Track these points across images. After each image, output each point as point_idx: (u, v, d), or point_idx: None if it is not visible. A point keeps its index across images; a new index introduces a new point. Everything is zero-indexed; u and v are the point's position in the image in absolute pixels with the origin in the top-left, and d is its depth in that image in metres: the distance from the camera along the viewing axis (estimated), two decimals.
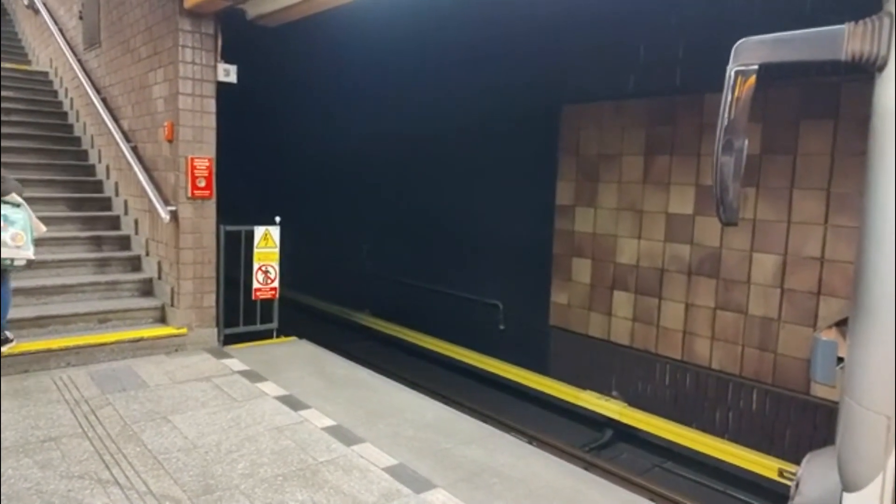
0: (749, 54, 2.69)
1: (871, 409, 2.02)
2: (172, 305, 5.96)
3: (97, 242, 6.65)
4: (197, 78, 5.71)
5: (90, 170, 7.73)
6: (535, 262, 7.93)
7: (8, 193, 4.86)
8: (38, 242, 6.21)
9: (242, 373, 5.37)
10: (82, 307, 5.82)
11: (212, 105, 5.81)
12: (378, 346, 9.61)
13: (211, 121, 5.81)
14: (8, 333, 5.15)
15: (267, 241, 6.24)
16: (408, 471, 3.76)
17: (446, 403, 5.18)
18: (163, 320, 6.07)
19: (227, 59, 5.87)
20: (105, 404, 4.56)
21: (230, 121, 6.33)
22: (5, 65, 9.53)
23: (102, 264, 6.43)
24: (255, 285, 6.22)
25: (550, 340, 7.83)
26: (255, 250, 6.18)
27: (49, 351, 5.19)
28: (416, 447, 4.11)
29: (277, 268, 6.31)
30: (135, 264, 6.59)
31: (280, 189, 11.54)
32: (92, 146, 7.89)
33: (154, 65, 6.12)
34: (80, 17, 8.25)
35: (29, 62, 10.60)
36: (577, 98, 7.29)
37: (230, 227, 6.05)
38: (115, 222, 7.03)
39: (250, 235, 6.14)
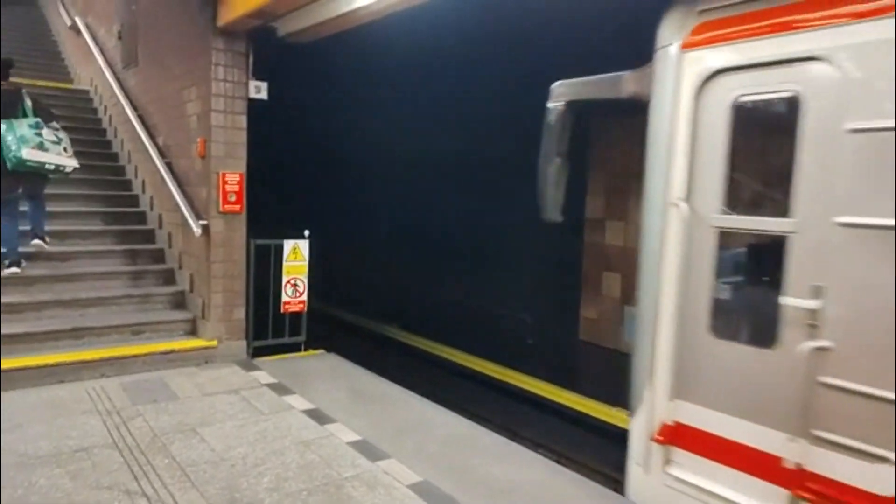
0: (560, 94, 3.98)
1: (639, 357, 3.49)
2: (203, 318, 6.05)
3: (132, 256, 6.80)
4: (229, 95, 5.82)
5: (127, 185, 7.93)
6: (564, 276, 7.85)
7: (51, 121, 5.98)
8: (75, 256, 6.41)
9: (270, 385, 5.41)
10: (116, 319, 5.94)
11: (243, 122, 5.91)
12: (406, 360, 9.59)
13: (242, 137, 5.92)
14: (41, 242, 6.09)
15: (296, 255, 6.30)
16: (432, 488, 3.72)
17: (472, 418, 5.13)
18: (194, 332, 6.16)
19: (259, 76, 5.98)
20: (136, 416, 4.63)
21: (262, 136, 6.44)
22: (49, 83, 9.89)
23: (136, 277, 6.57)
24: (284, 298, 6.27)
25: (580, 355, 7.72)
26: (285, 264, 6.24)
27: (83, 362, 5.31)
28: (441, 463, 4.07)
29: (306, 281, 6.37)
30: (168, 277, 6.72)
31: (312, 202, 11.69)
32: (129, 162, 8.09)
33: (188, 83, 6.27)
34: (119, 38, 8.50)
35: (71, 81, 10.97)
36: (605, 111, 7.23)
37: (260, 241, 6.13)
38: (149, 236, 7.19)
39: (280, 249, 6.21)
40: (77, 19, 10.35)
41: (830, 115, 2.76)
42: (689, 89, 3.26)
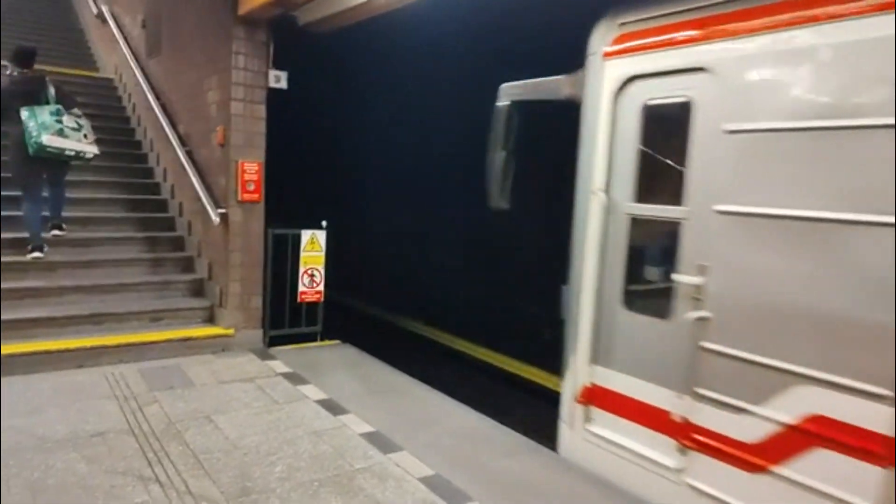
0: (506, 94, 4.52)
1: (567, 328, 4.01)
2: (221, 306, 6.08)
3: (152, 243, 6.86)
4: (249, 84, 5.82)
5: (149, 172, 8.01)
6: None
7: (72, 108, 6.15)
8: (96, 242, 6.48)
9: (285, 375, 5.42)
10: (136, 305, 6.00)
11: (262, 111, 5.92)
12: (431, 356, 9.54)
13: (261, 126, 5.92)
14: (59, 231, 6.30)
15: (313, 245, 6.31)
16: (444, 482, 3.70)
17: (489, 414, 5.09)
18: (212, 320, 6.20)
19: (279, 65, 5.96)
20: (152, 402, 4.67)
21: (282, 125, 6.43)
22: (75, 72, 10.00)
23: (156, 264, 6.63)
24: (301, 288, 6.28)
25: None
26: (302, 254, 6.24)
27: (103, 347, 5.37)
28: (453, 458, 4.05)
29: (323, 271, 6.37)
30: (187, 265, 6.77)
31: (332, 193, 11.68)
32: (151, 150, 8.17)
33: (208, 71, 6.29)
34: (143, 26, 8.56)
35: (97, 69, 11.08)
36: None
37: (278, 230, 6.14)
38: (170, 223, 7.24)
39: (297, 239, 6.21)
40: (103, 7, 10.44)
41: (713, 118, 3.25)
42: (609, 93, 3.76)
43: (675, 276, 3.39)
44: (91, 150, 6.09)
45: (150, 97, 7.60)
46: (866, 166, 2.75)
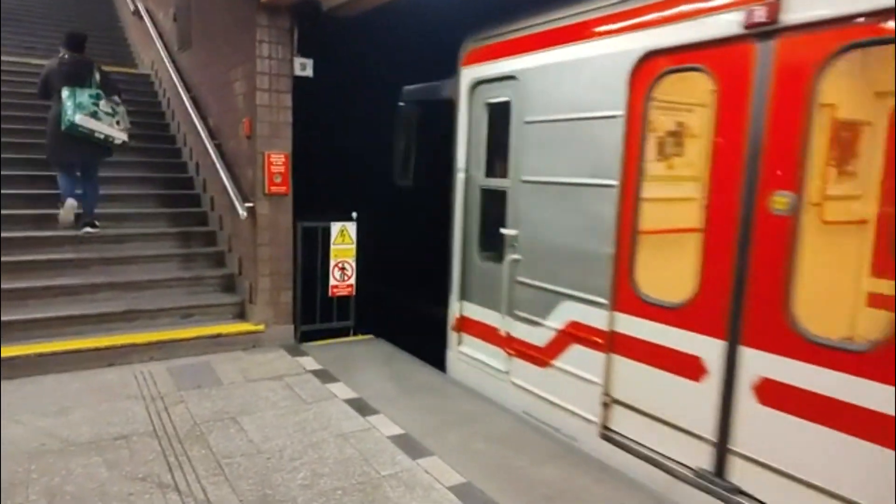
0: (406, 95, 5.98)
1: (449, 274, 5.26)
2: (251, 302, 5.97)
3: (184, 238, 6.80)
4: (273, 73, 5.64)
5: (182, 167, 7.97)
6: None
7: (115, 92, 6.36)
8: (130, 238, 6.45)
9: (315, 372, 5.26)
10: (167, 302, 5.94)
11: (288, 100, 5.73)
12: None
13: (287, 116, 5.74)
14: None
15: (343, 238, 6.12)
16: (475, 491, 3.46)
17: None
18: (242, 316, 6.10)
19: (304, 53, 5.77)
20: (179, 402, 4.57)
21: (309, 115, 6.24)
22: (114, 68, 10.06)
23: (188, 260, 6.57)
24: (332, 282, 6.11)
25: None
26: (332, 247, 6.07)
27: (133, 345, 5.31)
28: (486, 463, 3.80)
29: (354, 264, 6.18)
30: (218, 260, 6.69)
31: (363, 184, 11.47)
32: (185, 144, 8.12)
33: (235, 62, 6.14)
34: (175, 20, 8.51)
35: (135, 66, 11.15)
36: None
37: (307, 223, 5.98)
38: (202, 218, 7.18)
39: (327, 232, 6.04)
40: (139, 4, 10.48)
41: (519, 113, 4.46)
42: (466, 94, 5.00)
43: (502, 231, 4.60)
44: (120, 136, 6.20)
45: (181, 90, 7.53)
46: (598, 146, 3.82)
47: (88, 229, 6.25)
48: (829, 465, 2.75)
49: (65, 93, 5.99)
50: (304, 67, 5.74)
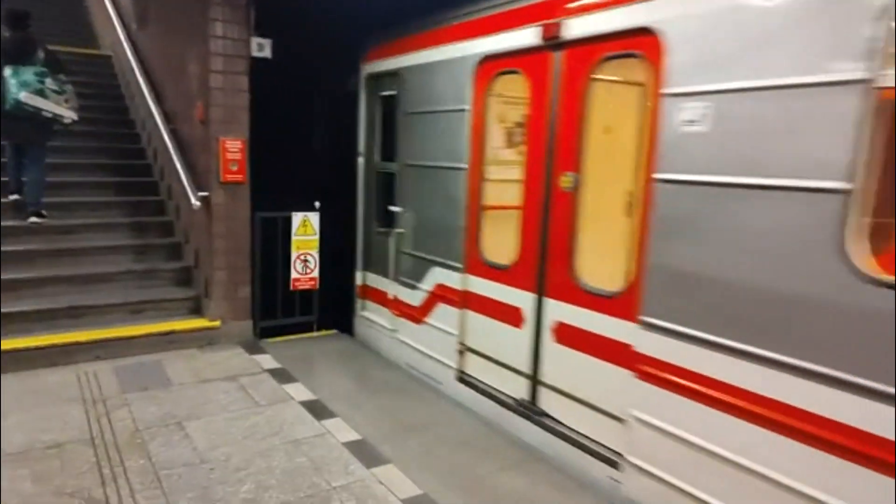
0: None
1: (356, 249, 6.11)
2: (206, 296, 5.66)
3: (140, 229, 6.44)
4: (228, 54, 5.30)
5: (141, 153, 7.59)
6: None
7: (62, 71, 6.04)
8: (80, 229, 6.10)
9: (272, 371, 4.99)
10: (118, 297, 5.60)
11: (244, 83, 5.39)
12: None
13: (244, 100, 5.40)
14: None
15: (306, 229, 5.83)
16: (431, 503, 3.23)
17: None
18: (198, 311, 5.79)
19: (262, 32, 5.43)
20: (122, 405, 4.28)
21: (269, 99, 5.90)
22: (74, 49, 9.59)
23: (142, 251, 6.21)
24: (294, 275, 5.83)
25: None
26: (294, 238, 5.78)
27: (77, 344, 4.99)
28: (447, 471, 3.57)
29: (318, 256, 5.90)
30: (175, 252, 6.35)
31: (328, 172, 11.12)
32: (143, 129, 7.74)
33: (189, 42, 5.78)
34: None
35: (97, 47, 10.67)
36: None
37: (266, 214, 5.68)
38: (160, 207, 6.82)
39: (288, 223, 5.74)
40: None
41: (402, 105, 5.07)
42: (364, 86, 5.66)
43: (391, 208, 5.23)
44: (69, 114, 5.91)
45: (137, 71, 7.14)
46: (454, 134, 4.43)
47: (34, 219, 5.89)
48: (593, 385, 3.53)
49: (7, 71, 5.63)
50: (261, 48, 5.40)
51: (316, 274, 5.93)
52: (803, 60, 2.42)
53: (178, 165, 5.73)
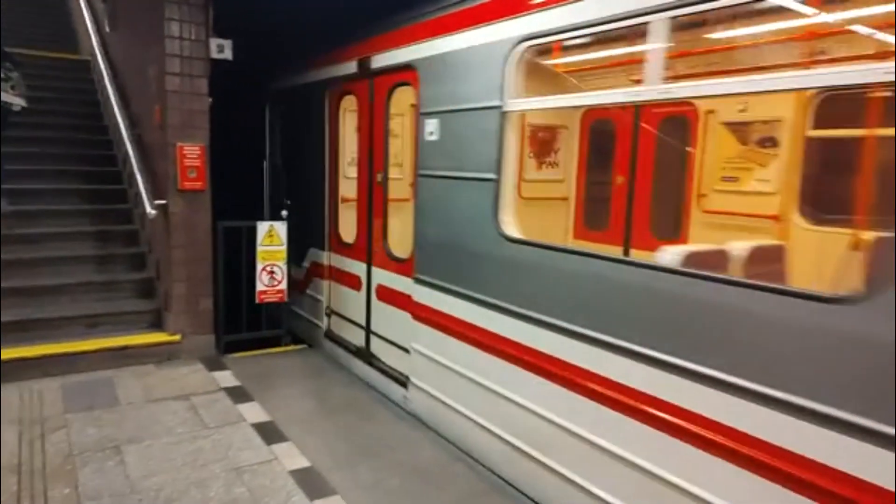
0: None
1: None
2: (166, 309, 5.40)
3: (104, 238, 6.20)
4: (186, 55, 5.06)
5: (111, 160, 7.35)
6: None
7: (8, 60, 5.96)
8: (43, 238, 5.84)
9: (229, 390, 4.73)
10: (73, 309, 5.36)
11: (204, 86, 5.15)
12: None
13: (202, 103, 5.16)
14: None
15: (272, 239, 5.57)
16: None
17: None
18: (159, 325, 5.53)
19: (222, 33, 5.19)
20: (60, 426, 4.02)
21: (232, 103, 5.67)
22: (53, 54, 9.39)
23: (105, 261, 5.97)
24: (259, 287, 5.57)
25: None
26: (259, 248, 5.52)
27: (24, 360, 4.74)
28: None
29: (285, 268, 5.64)
30: (139, 262, 6.10)
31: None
32: (114, 134, 7.50)
33: (149, 43, 5.54)
34: (104, 0, 7.88)
35: (77, 52, 10.47)
36: None
37: (228, 223, 5.43)
38: (126, 216, 6.58)
39: (253, 232, 5.49)
40: None
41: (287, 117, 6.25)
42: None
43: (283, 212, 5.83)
44: (17, 101, 5.93)
45: (106, 75, 6.92)
46: (314, 146, 5.63)
47: None
48: (396, 329, 4.64)
49: None
50: (221, 49, 5.16)
51: (284, 286, 5.66)
52: (478, 92, 3.59)
53: (137, 172, 5.49)
